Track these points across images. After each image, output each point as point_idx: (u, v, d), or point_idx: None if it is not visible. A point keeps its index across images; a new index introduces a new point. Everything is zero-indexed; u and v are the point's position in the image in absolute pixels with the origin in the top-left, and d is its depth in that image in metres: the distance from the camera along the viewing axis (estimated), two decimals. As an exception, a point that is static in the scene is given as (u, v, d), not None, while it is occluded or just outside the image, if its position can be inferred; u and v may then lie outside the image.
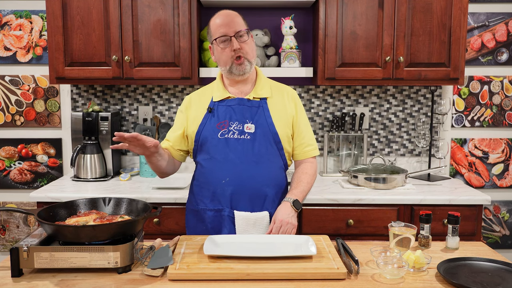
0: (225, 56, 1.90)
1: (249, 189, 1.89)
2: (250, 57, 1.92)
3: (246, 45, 1.91)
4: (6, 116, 3.10)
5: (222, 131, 1.92)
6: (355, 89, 3.07)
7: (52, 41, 2.66)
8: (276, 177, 1.96)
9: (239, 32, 1.88)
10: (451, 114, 3.12)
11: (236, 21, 1.90)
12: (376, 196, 2.48)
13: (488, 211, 3.18)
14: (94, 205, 1.71)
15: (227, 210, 1.90)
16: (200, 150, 1.96)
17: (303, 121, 2.03)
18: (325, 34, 2.67)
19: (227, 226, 1.89)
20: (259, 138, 1.91)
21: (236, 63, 1.90)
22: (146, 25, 2.65)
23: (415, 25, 2.66)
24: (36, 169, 3.13)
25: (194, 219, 1.98)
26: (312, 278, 1.45)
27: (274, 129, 1.93)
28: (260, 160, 1.91)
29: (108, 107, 3.08)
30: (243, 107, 1.94)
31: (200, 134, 1.95)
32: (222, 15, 1.92)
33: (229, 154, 1.90)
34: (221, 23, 1.89)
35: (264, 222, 1.89)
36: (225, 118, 1.93)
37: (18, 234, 3.14)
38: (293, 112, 2.00)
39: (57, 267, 1.46)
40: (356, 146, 3.05)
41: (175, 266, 1.48)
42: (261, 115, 1.94)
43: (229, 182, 1.89)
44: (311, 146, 2.04)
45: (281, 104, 1.99)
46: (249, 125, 1.92)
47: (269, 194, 1.93)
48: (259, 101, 1.96)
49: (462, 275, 1.48)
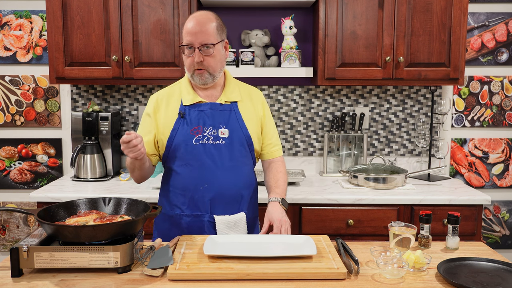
0: (188, 63, 1.87)
1: (228, 193, 1.90)
2: (212, 70, 1.86)
3: (211, 58, 1.84)
4: (6, 116, 3.10)
5: (197, 137, 1.88)
6: (355, 89, 3.07)
7: (52, 41, 2.66)
8: (250, 179, 1.98)
9: (204, 45, 1.82)
10: (451, 114, 3.12)
11: (206, 31, 1.81)
12: (376, 196, 2.48)
13: (488, 211, 3.18)
14: (94, 205, 1.71)
15: (207, 216, 1.89)
16: (173, 156, 1.91)
17: (270, 122, 2.04)
18: (325, 34, 2.67)
19: (207, 231, 1.89)
20: (234, 142, 1.91)
21: (197, 73, 1.86)
22: (146, 25, 2.65)
23: (415, 25, 2.66)
24: (36, 169, 3.13)
25: (167, 223, 1.95)
26: (312, 278, 1.45)
27: (247, 132, 1.93)
28: (236, 164, 1.91)
29: (108, 107, 3.08)
30: (215, 112, 1.91)
31: (173, 140, 1.89)
32: (195, 21, 1.83)
33: (206, 160, 1.88)
34: (190, 30, 1.82)
35: (242, 223, 1.91)
36: (198, 124, 1.89)
37: (18, 234, 3.14)
38: (261, 113, 2.01)
39: (57, 267, 1.46)
40: (356, 146, 3.05)
41: (175, 266, 1.48)
42: (234, 119, 1.93)
43: (208, 188, 1.88)
44: (277, 146, 2.06)
45: (250, 106, 1.99)
46: (223, 130, 1.90)
47: (245, 196, 1.95)
48: (230, 105, 1.94)
49: (462, 275, 1.48)
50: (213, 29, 1.83)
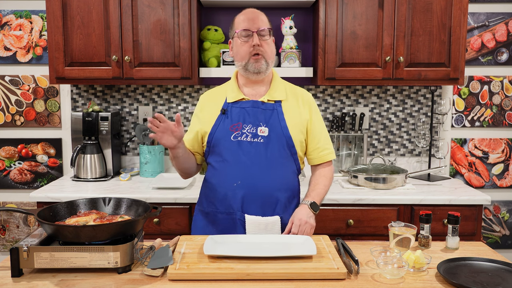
0: (244, 50, 1.88)
1: (261, 193, 1.86)
2: (268, 57, 1.90)
3: (266, 44, 1.89)
4: (6, 116, 3.10)
5: (235, 134, 1.89)
6: (355, 89, 3.07)
7: (52, 41, 2.66)
8: (288, 182, 1.93)
9: (262, 30, 1.88)
10: (451, 114, 3.12)
11: (261, 19, 1.90)
12: (376, 196, 2.48)
13: (488, 211, 3.18)
14: (94, 205, 1.71)
15: (238, 214, 1.87)
16: (212, 151, 1.93)
17: (318, 125, 1.99)
18: (325, 34, 2.67)
19: (238, 230, 1.87)
20: (273, 142, 1.88)
21: (253, 59, 1.87)
22: (146, 25, 2.65)
23: (415, 25, 2.66)
24: (36, 169, 3.13)
25: (204, 220, 1.95)
26: (312, 278, 1.45)
27: (288, 133, 1.90)
28: (272, 164, 1.88)
29: (108, 107, 3.08)
30: (257, 110, 1.91)
31: (213, 135, 1.92)
32: (248, 11, 1.93)
33: (242, 157, 1.87)
34: (246, 18, 1.89)
35: (275, 227, 1.87)
36: (238, 121, 1.90)
37: (18, 234, 3.14)
38: (307, 117, 1.96)
39: (57, 267, 1.46)
40: (356, 146, 3.05)
41: (175, 266, 1.48)
42: (275, 119, 1.91)
43: (241, 185, 1.86)
44: (327, 150, 2.01)
45: (295, 107, 1.96)
46: (263, 128, 1.89)
47: (281, 199, 1.90)
48: (273, 104, 1.93)
49: (462, 275, 1.48)
50: (266, 18, 1.94)
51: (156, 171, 2.89)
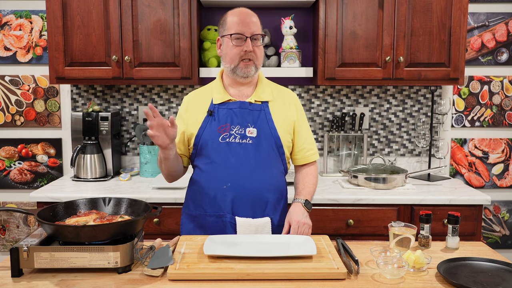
0: (234, 54, 1.85)
1: (251, 194, 1.85)
2: (258, 62, 1.89)
3: (258, 49, 1.88)
4: (6, 116, 3.10)
5: (223, 135, 1.87)
6: (355, 89, 3.07)
7: (52, 41, 2.66)
8: (277, 183, 1.93)
9: (255, 35, 1.86)
10: (451, 114, 3.12)
11: (256, 23, 1.88)
12: (376, 196, 2.48)
13: (488, 211, 3.18)
14: (94, 205, 1.71)
15: (228, 216, 1.86)
16: (200, 154, 1.91)
17: (304, 126, 2.00)
18: (325, 34, 2.67)
19: (228, 232, 1.86)
20: (262, 143, 1.88)
21: (243, 64, 1.85)
22: (146, 25, 2.66)
23: (415, 25, 2.66)
24: (36, 169, 3.13)
25: (191, 224, 1.93)
26: (312, 278, 1.45)
27: (276, 133, 1.90)
28: (262, 165, 1.87)
29: (108, 107, 3.08)
30: (244, 111, 1.90)
31: (200, 137, 1.89)
32: (242, 12, 1.89)
33: (231, 158, 1.86)
34: (239, 20, 1.85)
35: (265, 228, 1.86)
36: (226, 122, 1.88)
37: (18, 234, 3.14)
38: (294, 117, 1.96)
39: (57, 267, 1.46)
40: (356, 146, 3.05)
41: (175, 266, 1.48)
42: (263, 119, 1.90)
43: (231, 187, 1.85)
44: (312, 150, 2.02)
45: (282, 108, 1.96)
46: (251, 129, 1.88)
47: (271, 200, 1.89)
48: (260, 105, 1.92)
49: (462, 275, 1.48)
50: (259, 22, 1.91)
51: (156, 171, 2.89)
